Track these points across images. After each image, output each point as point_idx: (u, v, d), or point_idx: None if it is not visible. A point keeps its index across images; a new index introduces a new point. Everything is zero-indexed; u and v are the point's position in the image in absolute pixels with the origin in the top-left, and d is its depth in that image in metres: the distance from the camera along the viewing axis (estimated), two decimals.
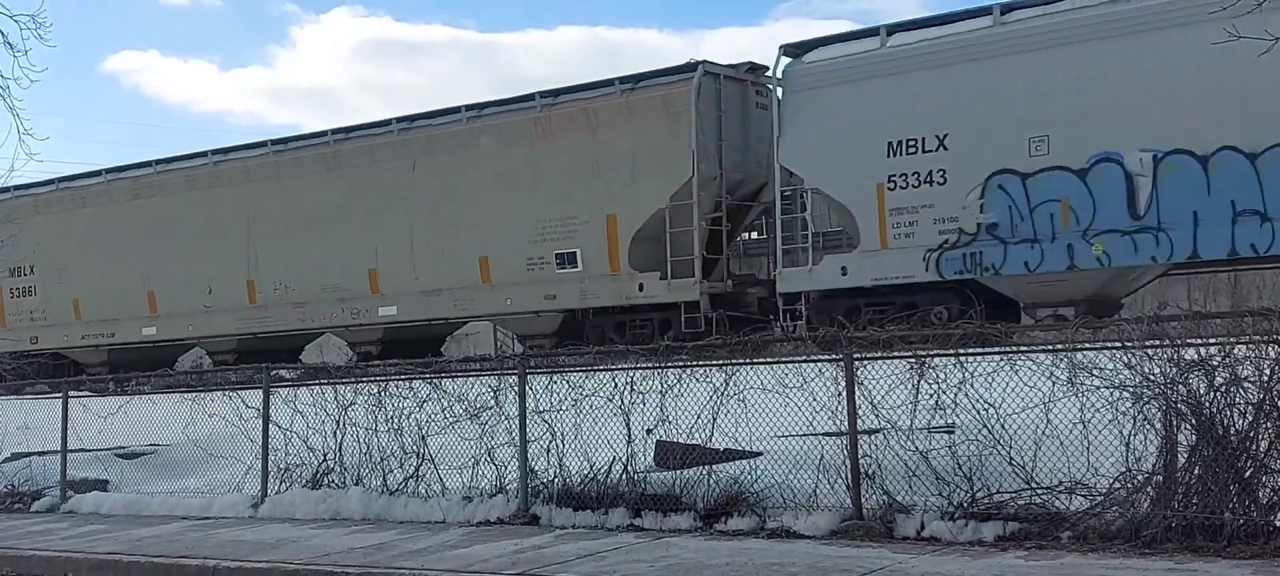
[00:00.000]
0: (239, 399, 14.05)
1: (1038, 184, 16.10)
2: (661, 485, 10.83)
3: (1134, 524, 8.37)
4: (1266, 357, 8.23)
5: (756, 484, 10.32)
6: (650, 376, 11.09)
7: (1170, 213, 15.29)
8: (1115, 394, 8.71)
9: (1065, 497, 8.90)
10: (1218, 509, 8.17)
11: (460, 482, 12.10)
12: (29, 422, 16.75)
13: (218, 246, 24.25)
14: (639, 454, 11.13)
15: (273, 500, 13.22)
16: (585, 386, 11.50)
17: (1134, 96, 15.51)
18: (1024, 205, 16.20)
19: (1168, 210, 15.30)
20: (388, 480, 12.63)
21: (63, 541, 12.38)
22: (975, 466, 9.30)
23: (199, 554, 10.84)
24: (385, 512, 12.18)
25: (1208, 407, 8.36)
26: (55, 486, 15.39)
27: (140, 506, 14.32)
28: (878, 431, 9.80)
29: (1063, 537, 8.57)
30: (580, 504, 11.09)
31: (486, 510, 11.57)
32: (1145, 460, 8.57)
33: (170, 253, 24.91)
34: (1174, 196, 15.23)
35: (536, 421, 11.61)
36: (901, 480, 9.59)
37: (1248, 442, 8.27)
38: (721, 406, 10.65)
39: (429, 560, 9.70)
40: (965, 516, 9.15)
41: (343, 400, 13.13)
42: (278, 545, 10.98)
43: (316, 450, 13.24)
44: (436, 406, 12.42)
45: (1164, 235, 15.40)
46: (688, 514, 10.44)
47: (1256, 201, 14.77)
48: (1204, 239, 15.15)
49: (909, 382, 9.68)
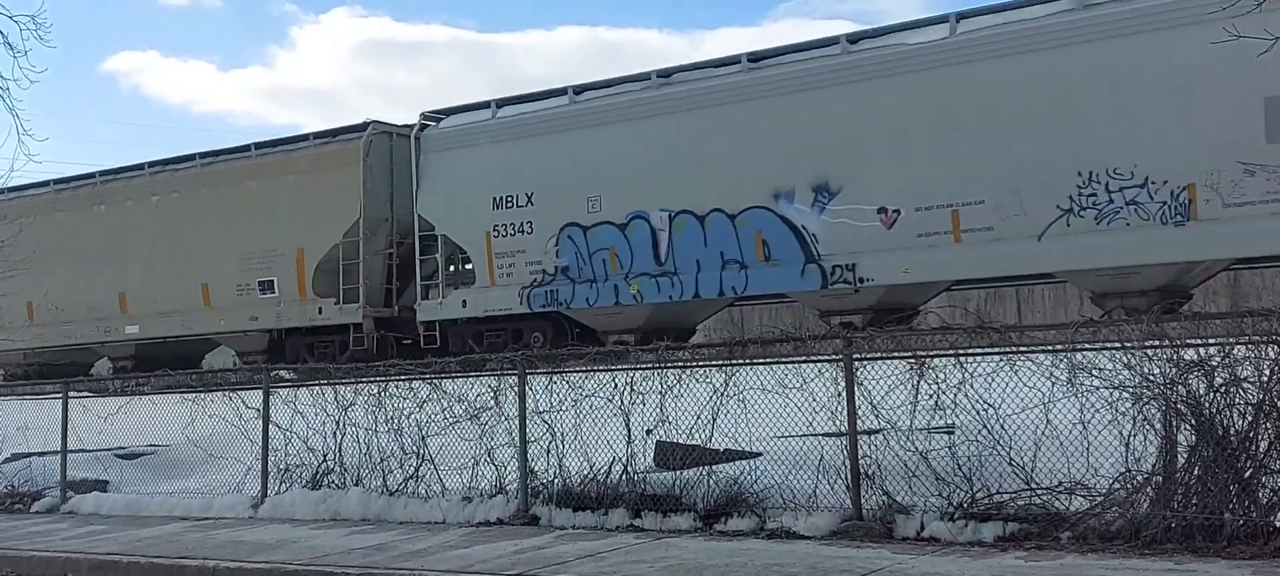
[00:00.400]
0: (239, 399, 14.05)
1: (594, 235, 19.75)
2: (661, 485, 10.84)
3: (1134, 524, 8.37)
4: (1266, 358, 8.23)
5: (756, 484, 10.32)
6: (650, 377, 11.10)
7: (681, 260, 18.97)
8: (1115, 394, 8.71)
9: (1065, 498, 8.90)
10: (1217, 509, 8.18)
11: (460, 483, 12.10)
12: (29, 423, 16.75)
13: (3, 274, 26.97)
14: (639, 454, 11.14)
15: (273, 500, 13.23)
16: (585, 387, 11.50)
17: (655, 168, 19.25)
18: (585, 252, 19.84)
19: (679, 258, 18.99)
20: (387, 480, 12.63)
21: (63, 542, 12.39)
22: (975, 467, 9.30)
23: (199, 554, 10.85)
24: (385, 513, 12.19)
25: (1207, 408, 8.36)
26: (55, 487, 15.40)
27: (140, 507, 14.32)
28: (877, 432, 9.81)
29: (1063, 538, 8.57)
30: (580, 504, 11.10)
31: (486, 510, 11.57)
32: (1145, 460, 8.57)
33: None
34: (683, 247, 18.93)
35: (536, 422, 11.61)
36: (901, 480, 9.59)
37: (1247, 443, 8.26)
38: (721, 407, 10.65)
39: (429, 560, 9.70)
40: (965, 517, 9.15)
41: (343, 401, 13.14)
42: (278, 545, 10.99)
43: (316, 450, 13.24)
44: (436, 407, 12.43)
45: (677, 278, 19.02)
46: (688, 514, 10.44)
47: (736, 253, 18.48)
48: (703, 281, 18.84)
49: (909, 383, 9.69)
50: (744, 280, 18.51)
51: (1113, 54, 15.62)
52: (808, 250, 17.90)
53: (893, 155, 17.16)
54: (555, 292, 20.04)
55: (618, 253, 19.45)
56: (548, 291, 20.11)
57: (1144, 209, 15.51)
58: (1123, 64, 15.57)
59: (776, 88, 18.29)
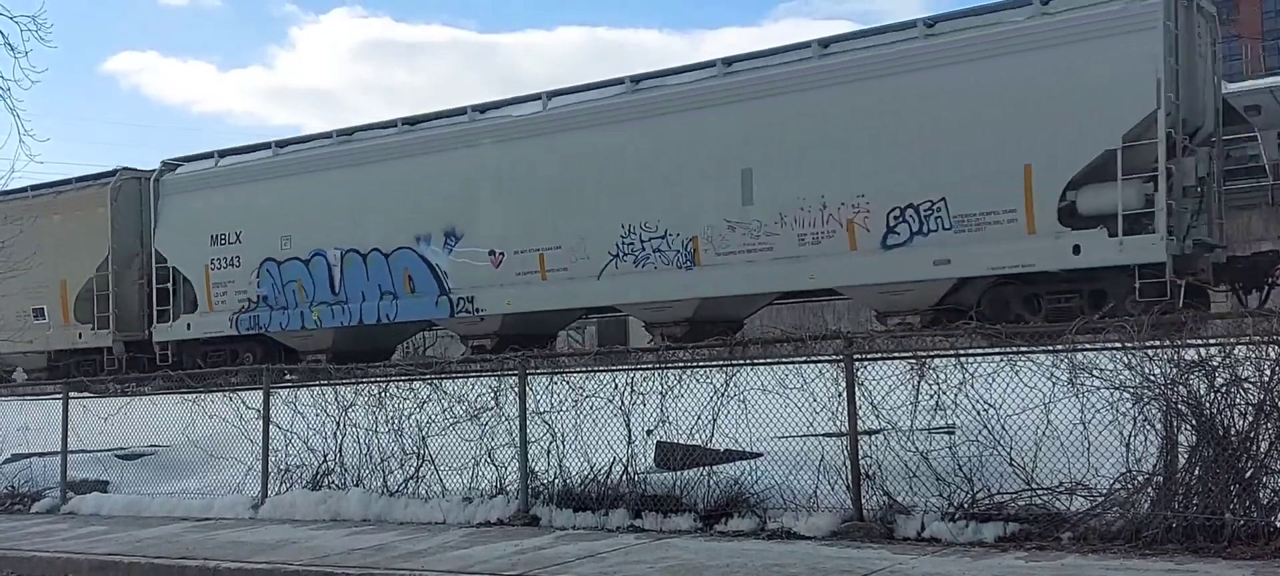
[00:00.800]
0: (239, 400, 14.05)
1: (285, 268, 23.11)
2: (662, 486, 10.83)
3: (1134, 524, 8.37)
4: (1267, 358, 8.22)
5: (757, 485, 10.32)
6: (650, 377, 11.10)
7: (350, 291, 22.41)
8: (1115, 394, 8.71)
9: (1065, 498, 8.90)
10: (1218, 509, 8.18)
11: (460, 483, 12.10)
12: (29, 423, 16.75)
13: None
14: (639, 455, 11.13)
15: (273, 501, 13.23)
16: (586, 387, 11.50)
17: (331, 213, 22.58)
18: (279, 283, 23.16)
19: (349, 289, 22.42)
20: (388, 481, 12.63)
21: (63, 542, 12.39)
22: (975, 467, 9.30)
23: (199, 554, 10.85)
24: (385, 513, 12.18)
25: (1208, 408, 8.36)
26: (55, 487, 15.40)
27: (140, 507, 14.32)
28: (878, 432, 9.81)
29: (1063, 538, 8.57)
30: (580, 505, 11.10)
31: (487, 511, 11.57)
32: (1145, 461, 8.57)
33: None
34: (351, 280, 22.41)
35: (537, 422, 11.62)
36: (902, 481, 9.59)
37: (1248, 443, 8.26)
38: (722, 407, 10.65)
39: (429, 561, 9.70)
40: (965, 517, 9.15)
41: (343, 401, 13.13)
42: (278, 546, 10.99)
43: (317, 451, 13.24)
44: (437, 407, 12.43)
45: (348, 306, 22.43)
46: (688, 515, 10.44)
47: (390, 285, 21.98)
48: (366, 309, 22.25)
49: (909, 383, 9.68)
50: (396, 309, 22.07)
51: (648, 130, 19.50)
52: (441, 285, 21.42)
53: (499, 207, 20.89)
54: (257, 318, 23.45)
55: (303, 284, 22.97)
56: (251, 317, 23.53)
57: (665, 255, 19.25)
58: (654, 138, 19.42)
59: (421, 148, 21.87)
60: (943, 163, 16.83)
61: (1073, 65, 15.98)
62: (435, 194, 21.38)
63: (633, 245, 19.54)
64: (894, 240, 17.33)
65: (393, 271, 21.92)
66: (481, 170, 21.04)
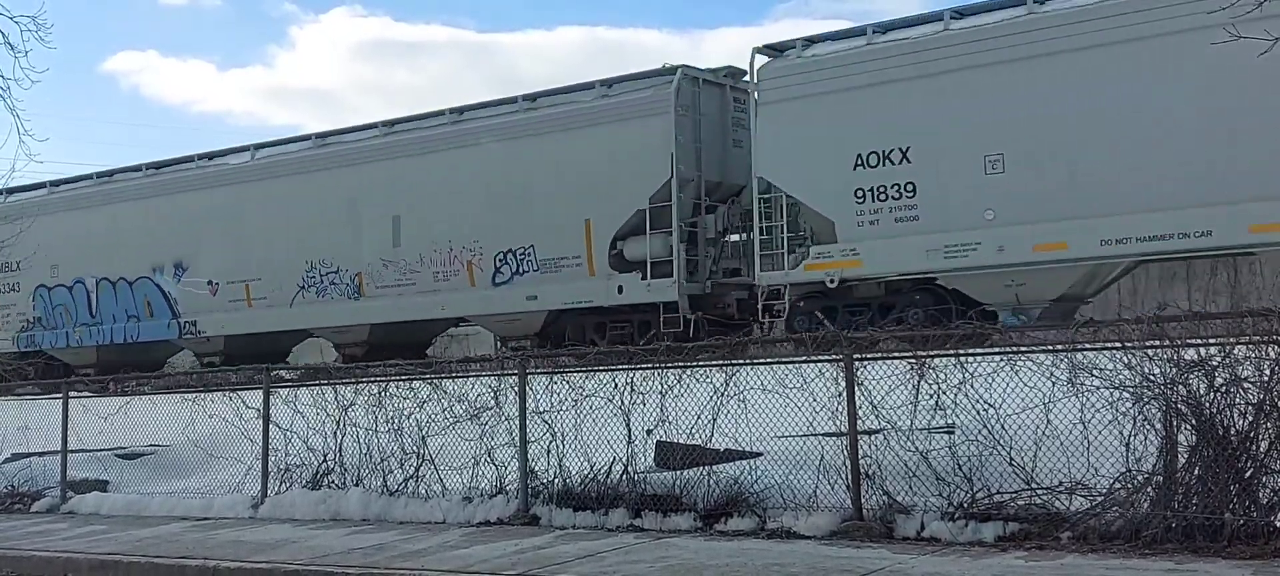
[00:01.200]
0: (239, 399, 14.04)
1: (55, 294, 27.46)
2: (661, 485, 10.83)
3: (1134, 524, 8.37)
4: (1266, 358, 8.22)
5: (756, 484, 10.31)
6: (650, 377, 11.09)
7: (104, 314, 26.69)
8: (1115, 394, 8.70)
9: (1065, 498, 8.89)
10: (1218, 509, 8.17)
11: (460, 483, 12.09)
12: (29, 423, 16.74)
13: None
14: (639, 454, 11.13)
15: (273, 500, 13.22)
16: (585, 387, 11.50)
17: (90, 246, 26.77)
18: (50, 306, 27.53)
19: (103, 313, 26.72)
20: (388, 480, 12.62)
21: (63, 541, 12.38)
22: (975, 467, 9.29)
23: (199, 554, 10.84)
24: (385, 513, 12.18)
25: (1208, 408, 8.35)
26: (55, 487, 15.39)
27: (140, 507, 14.31)
28: (878, 432, 9.80)
29: (1063, 538, 8.56)
30: (580, 504, 11.09)
31: (486, 510, 11.56)
32: (1145, 460, 8.56)
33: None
34: (105, 305, 26.69)
35: (536, 422, 11.61)
36: (901, 480, 9.58)
37: (1248, 443, 8.25)
38: (721, 407, 10.64)
39: (429, 560, 9.70)
40: (965, 517, 9.14)
41: (343, 400, 13.12)
42: (278, 545, 10.98)
43: (316, 450, 13.23)
44: (437, 407, 12.42)
45: (102, 327, 26.67)
46: (688, 514, 10.43)
47: (135, 310, 26.25)
48: (116, 330, 26.42)
49: (909, 383, 9.68)
50: (139, 330, 26.22)
51: (328, 181, 23.60)
52: (173, 310, 25.60)
53: (215, 244, 24.89)
54: (34, 337, 27.90)
55: (68, 308, 27.26)
56: (29, 336, 27.97)
57: (340, 287, 23.36)
58: (332, 187, 23.47)
59: (155, 190, 26.13)
60: (534, 215, 21.00)
61: (618, 139, 20.23)
62: (168, 231, 25.46)
63: (314, 278, 23.67)
64: (500, 278, 21.49)
65: (136, 298, 26.28)
66: (202, 212, 25.05)
